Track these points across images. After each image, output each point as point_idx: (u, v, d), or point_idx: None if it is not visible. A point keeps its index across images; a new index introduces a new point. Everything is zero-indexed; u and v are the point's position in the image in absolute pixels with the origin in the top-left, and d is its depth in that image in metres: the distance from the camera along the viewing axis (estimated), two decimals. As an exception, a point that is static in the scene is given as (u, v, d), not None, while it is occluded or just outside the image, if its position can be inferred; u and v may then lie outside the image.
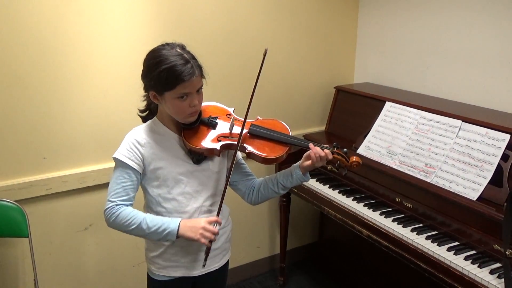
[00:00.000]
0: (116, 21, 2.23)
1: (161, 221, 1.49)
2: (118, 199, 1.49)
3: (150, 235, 1.49)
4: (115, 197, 1.49)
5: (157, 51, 1.49)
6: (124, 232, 1.52)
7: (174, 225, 1.48)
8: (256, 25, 2.64)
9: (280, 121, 1.69)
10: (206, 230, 1.47)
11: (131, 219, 1.47)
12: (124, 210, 1.48)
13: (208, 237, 1.47)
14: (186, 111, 1.51)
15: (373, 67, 3.02)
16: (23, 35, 2.03)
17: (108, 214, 1.49)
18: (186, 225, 1.49)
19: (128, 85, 2.31)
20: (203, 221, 1.49)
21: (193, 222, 1.50)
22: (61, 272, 2.38)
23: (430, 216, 2.05)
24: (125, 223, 1.47)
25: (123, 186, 1.50)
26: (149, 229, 1.47)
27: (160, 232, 1.48)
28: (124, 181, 1.51)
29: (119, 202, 1.49)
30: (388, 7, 2.84)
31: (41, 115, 2.15)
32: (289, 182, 1.66)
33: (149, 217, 1.50)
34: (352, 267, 2.92)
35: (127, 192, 1.51)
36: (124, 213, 1.48)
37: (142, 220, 1.48)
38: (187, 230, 1.47)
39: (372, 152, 2.40)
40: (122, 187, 1.50)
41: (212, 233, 1.47)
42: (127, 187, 1.51)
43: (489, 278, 1.70)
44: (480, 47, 2.35)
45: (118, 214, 1.47)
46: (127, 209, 1.49)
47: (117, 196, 1.49)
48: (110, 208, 1.48)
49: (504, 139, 1.93)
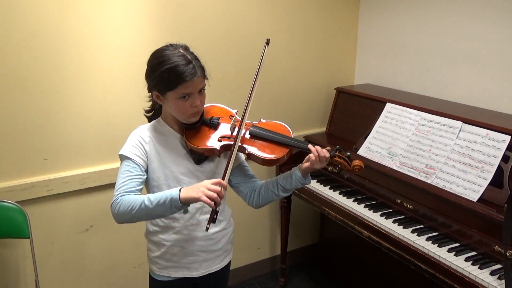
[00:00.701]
0: (117, 22, 2.23)
1: (162, 193, 1.44)
2: (123, 191, 1.46)
3: (155, 210, 1.43)
4: (120, 190, 1.47)
5: (160, 51, 1.51)
6: (133, 220, 1.46)
7: (175, 192, 1.41)
8: (257, 27, 2.65)
9: (282, 123, 1.69)
10: (208, 189, 1.38)
11: (133, 202, 1.43)
12: (126, 197, 1.44)
13: (210, 195, 1.37)
14: (188, 111, 1.52)
15: (374, 68, 3.02)
16: (25, 37, 2.04)
17: (114, 206, 1.44)
18: (187, 188, 1.42)
19: (129, 86, 2.32)
20: (206, 182, 1.42)
21: (195, 184, 1.44)
22: (62, 273, 2.38)
23: (431, 217, 2.05)
24: (128, 208, 1.42)
25: (128, 179, 1.49)
26: (152, 204, 1.41)
27: (162, 203, 1.41)
28: (129, 175, 1.50)
29: (123, 193, 1.46)
30: (388, 8, 2.84)
31: (42, 116, 2.15)
32: (288, 184, 1.64)
33: (150, 195, 1.45)
34: (353, 268, 2.92)
35: (133, 185, 1.48)
36: (125, 199, 1.44)
37: (144, 199, 1.43)
38: (188, 191, 1.40)
39: (372, 153, 2.40)
40: (127, 180, 1.48)
41: (215, 192, 1.38)
42: (132, 180, 1.49)
43: (490, 279, 1.70)
44: (481, 48, 2.36)
45: (121, 203, 1.43)
46: (129, 195, 1.45)
47: (122, 189, 1.47)
48: (114, 201, 1.45)
49: (505, 140, 1.93)
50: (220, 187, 1.40)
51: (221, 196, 1.40)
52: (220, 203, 1.42)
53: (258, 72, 1.58)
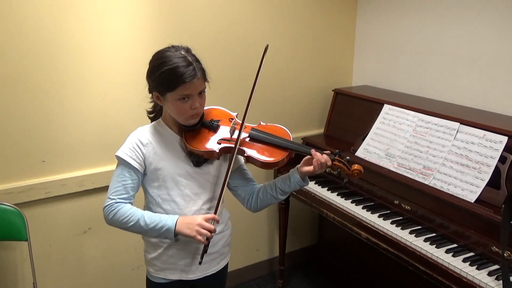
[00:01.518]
0: (115, 24, 2.24)
1: (159, 218, 1.51)
2: (118, 197, 1.51)
3: (148, 232, 1.51)
4: (115, 194, 1.51)
5: (161, 52, 1.52)
6: (123, 229, 1.52)
7: (172, 222, 1.49)
8: (256, 29, 2.65)
9: (282, 127, 1.69)
10: (202, 227, 1.47)
11: (130, 216, 1.49)
12: (123, 208, 1.50)
13: (204, 234, 1.47)
14: (187, 113, 1.52)
15: (371, 70, 3.03)
16: (22, 39, 2.04)
17: (107, 211, 1.50)
18: (183, 222, 1.50)
19: (127, 89, 2.32)
20: (200, 218, 1.49)
21: (190, 219, 1.51)
22: (60, 276, 2.38)
23: (429, 218, 2.05)
24: (123, 220, 1.49)
25: (123, 184, 1.52)
26: (147, 226, 1.49)
27: (158, 229, 1.49)
28: (124, 179, 1.52)
29: (118, 199, 1.50)
30: (386, 10, 2.85)
31: (40, 119, 2.15)
32: (287, 186, 1.64)
33: (147, 214, 1.51)
34: (351, 269, 2.92)
35: (127, 190, 1.52)
36: (122, 210, 1.49)
37: (140, 217, 1.49)
38: (184, 227, 1.48)
39: (370, 154, 2.41)
40: (122, 185, 1.52)
41: (208, 230, 1.47)
42: (127, 186, 1.52)
43: (487, 280, 1.70)
44: (478, 50, 2.37)
45: (117, 212, 1.49)
46: (125, 206, 1.50)
47: (117, 194, 1.51)
48: (109, 206, 1.50)
49: (502, 141, 1.94)
50: (212, 223, 1.51)
51: (214, 232, 1.51)
52: (212, 237, 1.52)
53: (257, 78, 1.59)
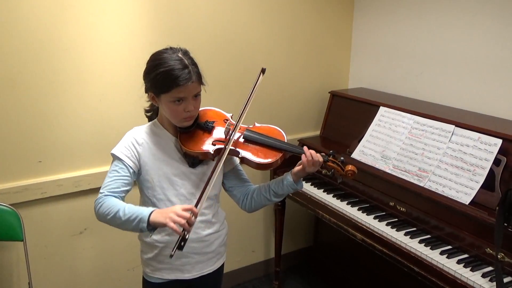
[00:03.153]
0: (113, 25, 2.24)
1: (136, 209, 1.43)
2: (107, 191, 1.48)
3: (125, 223, 1.42)
4: (106, 188, 1.49)
5: (158, 54, 1.52)
6: (108, 223, 1.46)
7: (147, 212, 1.41)
8: (253, 31, 2.66)
9: (277, 128, 1.69)
10: (176, 215, 1.36)
11: (111, 207, 1.43)
12: (108, 200, 1.45)
13: (177, 221, 1.35)
14: (181, 115, 1.53)
15: (368, 72, 3.04)
16: (18, 40, 2.04)
17: (96, 204, 1.46)
18: (158, 211, 1.42)
19: (124, 89, 2.32)
20: (177, 207, 1.40)
21: (166, 208, 1.43)
22: (56, 276, 2.37)
23: (424, 220, 2.06)
24: (105, 212, 1.43)
25: (115, 179, 1.50)
26: (124, 216, 1.41)
27: (132, 220, 1.41)
28: (117, 175, 1.51)
29: (108, 193, 1.47)
30: (382, 13, 2.87)
31: (36, 119, 2.15)
32: (280, 189, 1.64)
33: (127, 206, 1.44)
34: (347, 271, 2.93)
35: (118, 185, 1.50)
36: (107, 202, 1.44)
37: (120, 208, 1.42)
38: (157, 216, 1.39)
39: (366, 156, 2.42)
40: (114, 180, 1.50)
41: (183, 218, 1.36)
42: (118, 181, 1.50)
43: (481, 281, 1.71)
44: (474, 53, 2.38)
45: (102, 204, 1.44)
46: (112, 199, 1.46)
47: (107, 188, 1.48)
48: (98, 199, 1.47)
49: (496, 144, 1.95)
50: (190, 214, 1.39)
51: (191, 223, 1.39)
52: (190, 230, 1.40)
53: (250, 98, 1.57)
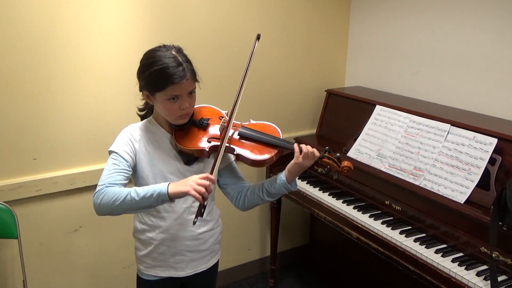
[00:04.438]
0: (108, 22, 2.23)
1: (150, 187, 1.42)
2: (107, 182, 1.45)
3: (141, 203, 1.41)
4: (105, 181, 1.45)
5: (152, 52, 1.51)
6: (112, 213, 1.43)
7: (164, 186, 1.41)
8: (248, 29, 2.65)
9: (272, 124, 1.68)
10: (196, 183, 1.38)
11: (118, 193, 1.40)
12: (111, 189, 1.42)
13: (199, 190, 1.37)
14: (176, 113, 1.52)
15: (364, 71, 3.05)
16: (13, 37, 2.03)
17: (96, 197, 1.42)
18: (176, 183, 1.42)
19: (119, 87, 2.31)
20: (194, 176, 1.41)
21: (183, 179, 1.43)
22: (51, 274, 2.37)
23: (419, 219, 2.07)
24: (112, 199, 1.40)
25: (114, 172, 1.48)
26: (138, 196, 1.40)
27: (149, 196, 1.40)
28: (116, 168, 1.49)
29: (108, 184, 1.44)
30: (379, 12, 2.87)
31: (31, 116, 2.14)
32: (273, 188, 1.61)
33: (137, 188, 1.43)
34: (342, 269, 2.93)
35: (118, 178, 1.47)
36: (110, 190, 1.41)
37: (131, 191, 1.41)
38: (177, 187, 1.40)
39: (362, 155, 2.42)
40: (113, 172, 1.48)
41: (203, 186, 1.38)
42: (118, 173, 1.48)
43: (476, 280, 1.72)
44: (470, 52, 2.38)
45: (105, 194, 1.41)
46: (113, 187, 1.43)
47: (107, 180, 1.45)
48: (98, 192, 1.43)
49: (492, 143, 1.95)
50: (208, 182, 1.40)
51: (209, 190, 1.40)
52: (208, 197, 1.41)
53: (247, 69, 1.56)
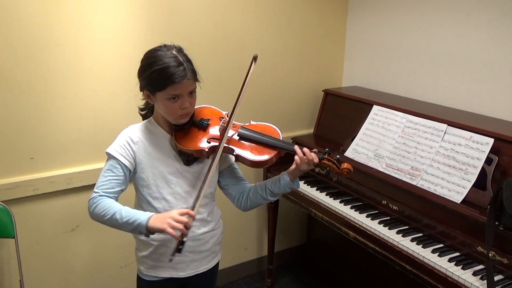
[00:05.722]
0: (106, 21, 2.22)
1: (134, 213, 1.45)
2: (102, 191, 1.49)
3: (123, 225, 1.45)
4: (100, 188, 1.50)
5: (152, 51, 1.52)
6: (102, 223, 1.49)
7: (145, 217, 1.43)
8: (247, 28, 2.65)
9: (272, 126, 1.68)
10: (174, 220, 1.39)
11: (108, 209, 1.45)
12: (104, 201, 1.47)
13: (176, 226, 1.38)
14: (177, 113, 1.52)
15: (361, 71, 3.05)
16: (10, 35, 2.02)
17: (90, 204, 1.48)
18: (156, 216, 1.43)
19: (117, 86, 2.31)
20: (174, 212, 1.42)
21: (163, 214, 1.45)
22: (48, 273, 2.36)
23: (416, 219, 2.08)
24: (101, 213, 1.45)
25: (110, 179, 1.51)
26: (121, 219, 1.44)
27: (130, 223, 1.43)
28: (111, 175, 1.51)
29: (103, 193, 1.49)
30: (376, 12, 2.87)
31: (29, 116, 2.14)
32: (277, 188, 1.63)
33: (124, 209, 1.46)
34: (339, 269, 2.94)
35: (113, 185, 1.51)
36: (102, 203, 1.46)
37: (117, 211, 1.45)
38: (156, 222, 1.41)
39: (359, 155, 2.42)
40: (109, 180, 1.51)
41: (181, 224, 1.38)
42: (113, 181, 1.51)
43: (472, 279, 1.73)
44: (467, 52, 2.39)
45: (98, 204, 1.46)
46: (107, 199, 1.48)
47: (102, 188, 1.50)
48: (93, 199, 1.48)
49: (488, 143, 1.96)
50: (188, 218, 1.42)
51: (188, 227, 1.41)
52: (187, 233, 1.42)
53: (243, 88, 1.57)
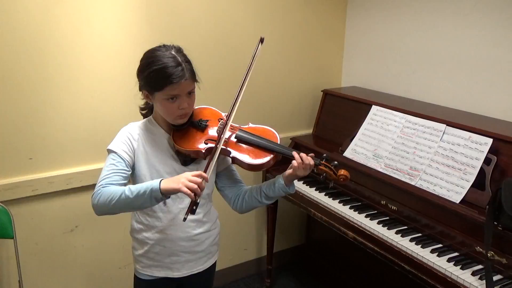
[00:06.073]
0: (105, 21, 2.22)
1: (142, 184, 1.43)
2: (106, 182, 1.46)
3: (135, 201, 1.41)
4: (103, 181, 1.46)
5: (151, 51, 1.52)
6: (111, 212, 1.45)
7: (156, 183, 1.40)
8: (246, 28, 2.65)
9: (270, 129, 1.67)
10: (188, 180, 1.37)
11: (113, 193, 1.42)
12: (107, 188, 1.44)
13: (190, 187, 1.36)
14: (175, 113, 1.52)
15: (360, 71, 3.05)
16: (10, 35, 2.02)
17: (94, 198, 1.44)
18: (168, 179, 1.41)
19: (116, 86, 2.31)
20: (187, 173, 1.41)
21: (175, 176, 1.43)
22: (47, 274, 2.36)
23: (415, 219, 2.08)
24: (108, 199, 1.41)
25: (112, 172, 1.49)
26: (132, 194, 1.40)
27: (143, 193, 1.40)
28: (114, 168, 1.50)
29: (105, 184, 1.45)
30: (376, 12, 2.88)
31: (28, 116, 2.14)
32: (271, 192, 1.62)
33: (130, 186, 1.44)
34: (338, 269, 2.94)
35: (116, 178, 1.48)
36: (106, 190, 1.43)
37: (125, 189, 1.42)
38: (169, 182, 1.39)
39: (358, 155, 2.42)
40: (111, 173, 1.49)
41: (195, 183, 1.37)
42: (116, 173, 1.49)
43: (471, 279, 1.73)
44: (465, 53, 2.39)
45: (102, 194, 1.43)
46: (110, 187, 1.45)
47: (106, 181, 1.46)
48: (95, 192, 1.45)
49: (487, 143, 1.96)
50: (201, 179, 1.39)
51: (202, 187, 1.39)
52: (200, 194, 1.40)
53: (248, 71, 1.56)
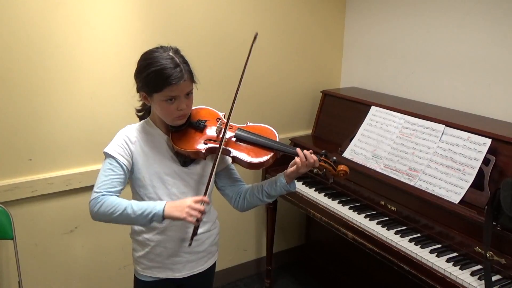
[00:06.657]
0: (104, 22, 2.23)
1: (147, 205, 1.47)
2: (104, 190, 1.47)
3: (136, 219, 1.46)
4: (102, 188, 1.47)
5: (149, 53, 1.52)
6: (108, 222, 1.47)
7: (160, 207, 1.45)
8: (244, 29, 2.66)
9: (269, 127, 1.68)
10: (192, 209, 1.44)
11: (116, 205, 1.44)
12: (109, 199, 1.46)
13: (195, 215, 1.44)
14: (174, 114, 1.52)
15: (359, 71, 3.06)
16: (9, 36, 2.02)
17: (93, 204, 1.45)
18: (171, 205, 1.46)
19: (115, 87, 2.31)
20: (189, 200, 1.46)
21: (179, 203, 1.47)
22: (46, 275, 2.36)
23: (414, 219, 2.08)
24: (109, 211, 1.44)
25: (110, 178, 1.49)
26: (134, 213, 1.44)
27: (145, 215, 1.45)
28: (112, 174, 1.50)
29: (105, 192, 1.47)
30: (374, 13, 2.88)
31: (27, 117, 2.14)
32: (273, 190, 1.64)
33: (134, 203, 1.47)
34: (338, 269, 2.94)
35: (114, 184, 1.49)
36: (108, 201, 1.45)
37: (128, 206, 1.45)
38: (173, 210, 1.45)
39: (357, 155, 2.43)
40: (109, 179, 1.49)
41: (198, 211, 1.44)
42: (114, 180, 1.50)
43: (470, 279, 1.73)
44: (464, 53, 2.40)
45: (103, 203, 1.44)
46: (112, 197, 1.47)
47: (104, 187, 1.47)
48: (95, 198, 1.46)
49: (486, 144, 1.96)
50: (203, 205, 1.47)
51: (204, 213, 1.48)
52: (202, 219, 1.50)
53: (245, 69, 1.57)
